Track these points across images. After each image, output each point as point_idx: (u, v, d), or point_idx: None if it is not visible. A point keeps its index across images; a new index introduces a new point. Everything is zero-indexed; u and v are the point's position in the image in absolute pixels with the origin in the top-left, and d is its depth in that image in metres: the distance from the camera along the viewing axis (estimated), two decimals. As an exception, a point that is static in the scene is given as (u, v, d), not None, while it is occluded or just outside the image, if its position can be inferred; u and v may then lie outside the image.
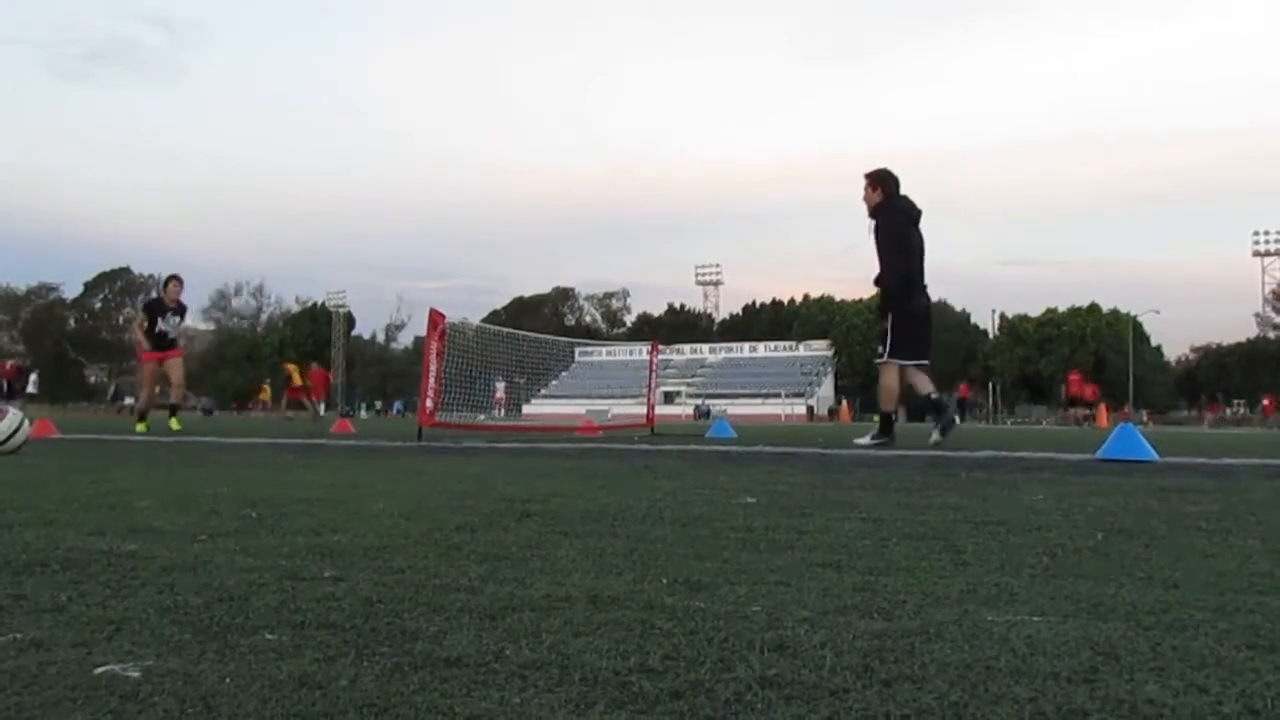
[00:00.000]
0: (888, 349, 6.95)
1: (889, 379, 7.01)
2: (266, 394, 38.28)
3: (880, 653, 1.12)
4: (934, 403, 7.16)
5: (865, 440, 6.97)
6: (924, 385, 6.96)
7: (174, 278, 11.00)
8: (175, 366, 10.83)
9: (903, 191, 6.97)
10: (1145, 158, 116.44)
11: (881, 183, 6.92)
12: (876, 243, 6.90)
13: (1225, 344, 67.39)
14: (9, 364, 24.96)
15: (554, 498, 2.90)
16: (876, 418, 7.40)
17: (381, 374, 73.39)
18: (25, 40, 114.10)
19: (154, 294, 11.42)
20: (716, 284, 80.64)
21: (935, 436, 6.84)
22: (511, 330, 13.06)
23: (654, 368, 12.65)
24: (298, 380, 23.73)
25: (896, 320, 6.92)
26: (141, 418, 10.59)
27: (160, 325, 10.67)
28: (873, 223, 6.97)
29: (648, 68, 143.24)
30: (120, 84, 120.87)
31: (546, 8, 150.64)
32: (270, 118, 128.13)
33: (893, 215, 6.88)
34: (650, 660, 1.09)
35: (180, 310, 10.94)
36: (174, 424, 10.50)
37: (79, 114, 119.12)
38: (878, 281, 6.99)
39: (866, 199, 7.00)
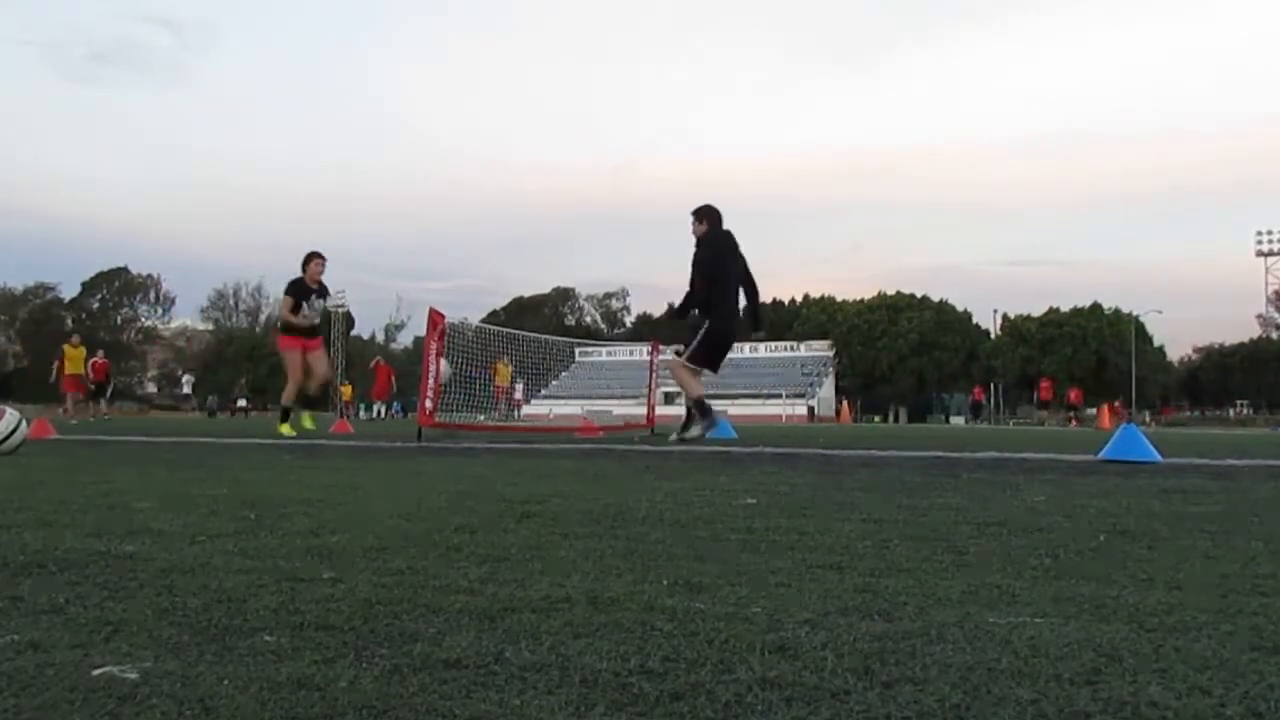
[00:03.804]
0: (689, 352, 7.67)
1: (685, 375, 7.72)
2: (349, 393, 38.40)
3: (881, 654, 1.12)
4: (704, 406, 7.82)
5: (695, 432, 7.51)
6: (696, 389, 7.75)
7: (316, 254, 9.58)
8: (320, 359, 9.67)
9: (727, 226, 7.78)
10: (1147, 157, 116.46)
11: (705, 216, 7.72)
12: (692, 268, 7.67)
13: (1228, 344, 67.41)
14: (96, 360, 22.93)
15: (554, 498, 2.89)
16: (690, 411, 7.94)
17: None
18: (30, 41, 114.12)
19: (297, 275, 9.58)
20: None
21: (689, 432, 7.59)
22: (511, 330, 13.06)
23: (654, 368, 12.63)
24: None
25: (708, 335, 7.62)
26: (285, 417, 9.34)
27: (304, 309, 9.39)
28: (695, 252, 7.74)
29: (649, 67, 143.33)
30: (122, 85, 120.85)
31: (547, 7, 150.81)
32: (269, 118, 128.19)
33: (707, 249, 7.65)
34: (650, 662, 1.09)
35: (323, 292, 9.68)
36: (307, 421, 9.50)
37: (79, 114, 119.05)
38: (688, 302, 7.76)
39: (694, 231, 7.75)
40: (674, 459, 5.19)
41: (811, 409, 53.97)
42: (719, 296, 7.57)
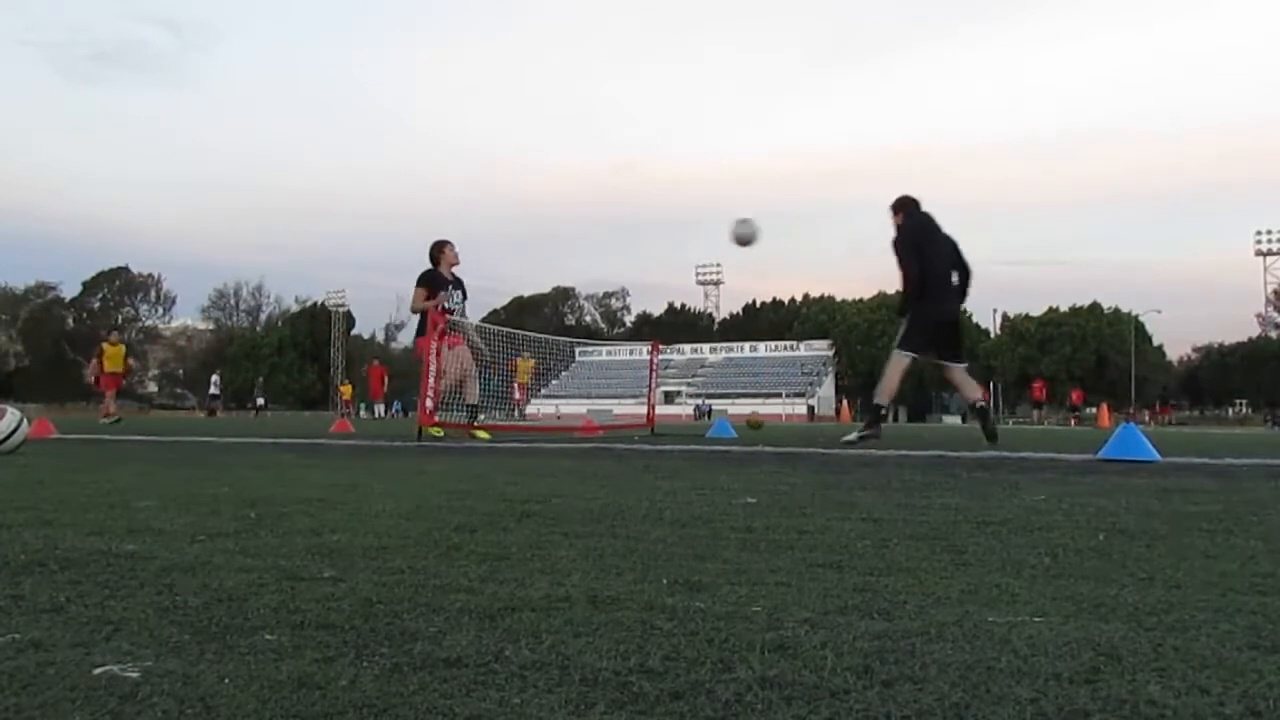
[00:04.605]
0: (899, 339, 7.48)
1: (891, 368, 7.47)
2: (349, 393, 38.61)
3: (881, 653, 1.12)
4: (876, 412, 7.67)
5: (852, 436, 7.35)
6: (971, 391, 7.55)
7: (447, 241, 8.48)
8: (467, 356, 8.44)
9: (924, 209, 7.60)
10: (1147, 157, 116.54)
11: (901, 207, 7.64)
12: (895, 257, 7.55)
13: (1227, 343, 67.43)
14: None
15: (554, 498, 2.89)
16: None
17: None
18: (32, 41, 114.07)
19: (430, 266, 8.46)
20: (717, 283, 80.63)
21: (849, 435, 7.42)
22: (511, 329, 13.05)
23: (654, 367, 12.64)
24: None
25: (913, 318, 7.44)
26: (473, 418, 8.30)
27: (444, 303, 8.26)
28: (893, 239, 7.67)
29: (649, 66, 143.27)
30: (123, 85, 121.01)
31: (547, 6, 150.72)
32: (269, 118, 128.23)
33: (905, 232, 7.51)
34: (650, 661, 1.09)
35: (459, 284, 8.48)
36: (481, 434, 8.18)
37: (80, 114, 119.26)
38: (904, 294, 7.56)
39: (893, 224, 7.66)
40: (674, 458, 5.19)
41: (811, 408, 54.02)
42: (919, 281, 7.41)
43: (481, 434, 8.24)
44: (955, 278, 7.46)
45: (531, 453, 5.81)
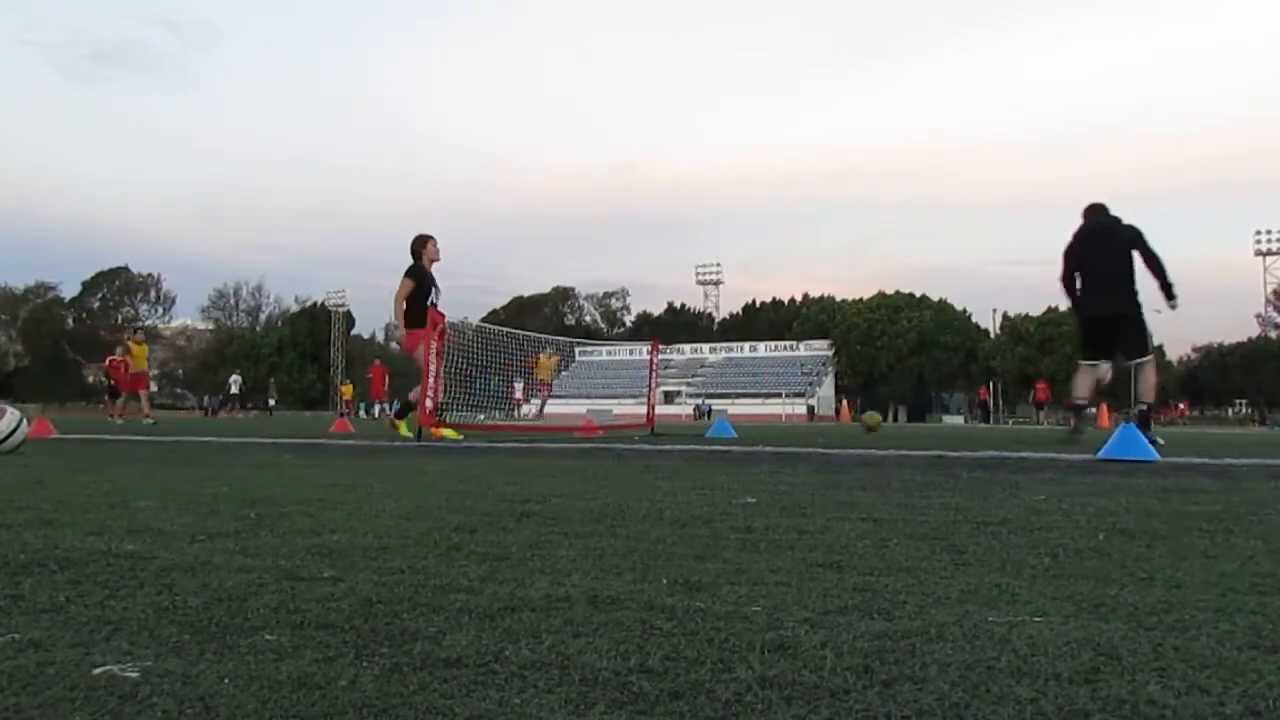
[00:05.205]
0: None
1: (1076, 379, 7.73)
2: (349, 392, 38.81)
3: (881, 653, 1.12)
4: (1075, 408, 7.80)
5: (1064, 438, 7.55)
6: (1144, 391, 7.47)
7: (430, 237, 8.41)
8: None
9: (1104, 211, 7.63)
10: (1146, 157, 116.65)
11: (1083, 215, 7.65)
12: None
13: (1227, 344, 67.44)
14: (114, 359, 19.13)
15: (554, 498, 2.89)
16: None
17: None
18: (33, 41, 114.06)
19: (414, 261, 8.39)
20: (716, 283, 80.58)
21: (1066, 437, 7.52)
22: (512, 329, 13.03)
23: (654, 367, 12.63)
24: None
25: (1078, 326, 7.71)
26: (402, 415, 8.41)
27: (432, 295, 8.34)
28: None
29: (649, 66, 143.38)
30: (123, 85, 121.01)
31: (547, 6, 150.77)
32: (270, 118, 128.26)
33: (1068, 243, 7.59)
34: (650, 661, 1.09)
35: (435, 281, 8.46)
36: (403, 429, 8.26)
37: (80, 114, 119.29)
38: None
39: None
40: (674, 458, 5.19)
41: (811, 408, 53.98)
42: (1077, 286, 7.49)
43: (404, 430, 8.24)
44: (1128, 276, 7.26)
45: (531, 453, 5.81)
